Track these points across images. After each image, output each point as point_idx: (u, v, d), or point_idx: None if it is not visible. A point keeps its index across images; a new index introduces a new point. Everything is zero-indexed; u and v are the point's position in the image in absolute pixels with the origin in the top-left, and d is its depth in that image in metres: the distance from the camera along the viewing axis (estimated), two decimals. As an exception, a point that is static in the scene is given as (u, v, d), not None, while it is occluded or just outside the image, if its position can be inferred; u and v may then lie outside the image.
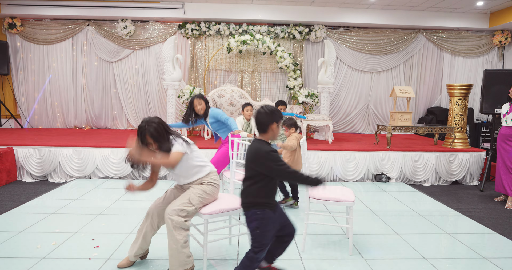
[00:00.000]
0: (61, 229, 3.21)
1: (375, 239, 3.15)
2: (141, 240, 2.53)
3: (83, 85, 7.49)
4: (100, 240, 2.98)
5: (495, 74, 5.15)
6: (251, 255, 2.09)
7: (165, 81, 6.15)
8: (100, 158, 5.01)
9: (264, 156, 2.03)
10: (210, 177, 2.55)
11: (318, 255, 2.81)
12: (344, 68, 7.74)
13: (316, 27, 7.36)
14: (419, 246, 3.04)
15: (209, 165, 2.61)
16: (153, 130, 2.33)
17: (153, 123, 2.36)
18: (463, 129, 5.62)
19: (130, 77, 7.51)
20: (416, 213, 3.93)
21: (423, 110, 7.97)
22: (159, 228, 2.56)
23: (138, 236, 2.55)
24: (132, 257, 2.57)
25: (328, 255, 2.83)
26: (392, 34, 7.62)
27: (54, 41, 7.31)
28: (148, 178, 2.61)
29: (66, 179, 5.01)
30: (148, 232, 2.52)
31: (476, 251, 2.97)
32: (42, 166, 4.95)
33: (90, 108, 7.55)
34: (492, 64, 7.82)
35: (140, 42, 7.37)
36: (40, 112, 7.51)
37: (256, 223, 2.07)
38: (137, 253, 2.56)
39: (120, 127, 7.69)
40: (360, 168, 5.26)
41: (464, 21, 7.30)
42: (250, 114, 4.72)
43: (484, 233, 3.41)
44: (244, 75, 7.49)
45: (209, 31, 7.27)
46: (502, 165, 4.34)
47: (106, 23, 7.32)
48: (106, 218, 3.51)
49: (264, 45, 6.87)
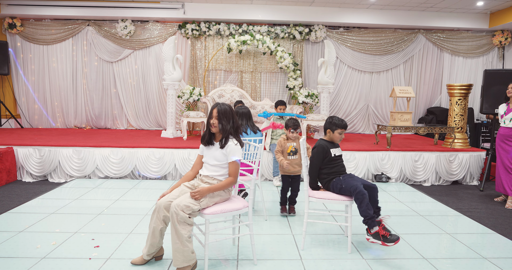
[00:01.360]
0: (61, 229, 3.21)
1: (375, 239, 3.15)
2: (150, 236, 2.51)
3: (83, 85, 7.49)
4: (100, 240, 2.98)
5: (495, 74, 5.16)
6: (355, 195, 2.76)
7: (165, 81, 6.15)
8: (100, 158, 5.01)
9: None
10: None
11: (317, 254, 2.81)
12: (344, 68, 7.74)
13: (316, 27, 7.36)
14: (419, 246, 3.04)
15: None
16: (223, 109, 2.50)
17: (227, 105, 2.55)
18: (463, 129, 5.63)
19: (130, 77, 7.51)
20: (416, 213, 3.93)
21: (423, 110, 7.97)
22: (167, 224, 2.51)
23: (148, 233, 2.54)
24: (145, 256, 2.55)
25: (328, 254, 2.83)
26: (392, 34, 7.62)
27: (54, 41, 7.31)
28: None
29: (66, 179, 5.01)
30: (156, 227, 2.48)
31: (476, 251, 2.97)
32: (42, 166, 4.96)
33: (90, 108, 7.55)
34: (492, 64, 7.83)
35: (140, 42, 7.37)
36: (40, 112, 7.51)
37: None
38: (150, 251, 2.54)
39: (120, 127, 7.69)
40: (360, 168, 5.26)
41: (464, 21, 7.30)
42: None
43: (484, 233, 3.41)
44: (244, 75, 7.49)
45: (209, 31, 7.28)
46: (502, 165, 4.35)
47: (106, 23, 7.32)
48: (106, 218, 3.51)
49: (264, 45, 6.87)
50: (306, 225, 2.94)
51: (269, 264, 2.64)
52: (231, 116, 2.54)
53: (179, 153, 5.08)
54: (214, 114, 2.52)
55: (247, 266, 2.61)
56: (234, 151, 2.49)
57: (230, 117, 2.53)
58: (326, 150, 2.97)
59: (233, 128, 2.54)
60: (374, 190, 2.90)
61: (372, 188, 2.89)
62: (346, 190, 2.82)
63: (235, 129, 2.55)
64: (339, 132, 3.00)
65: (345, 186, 2.82)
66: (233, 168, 2.51)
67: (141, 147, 5.11)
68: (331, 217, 3.71)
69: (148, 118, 7.67)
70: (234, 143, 2.51)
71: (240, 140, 2.58)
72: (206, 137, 2.60)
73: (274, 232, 3.26)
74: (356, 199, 2.74)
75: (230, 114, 2.53)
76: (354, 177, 2.95)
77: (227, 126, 2.51)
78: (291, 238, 3.13)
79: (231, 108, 2.58)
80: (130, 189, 4.58)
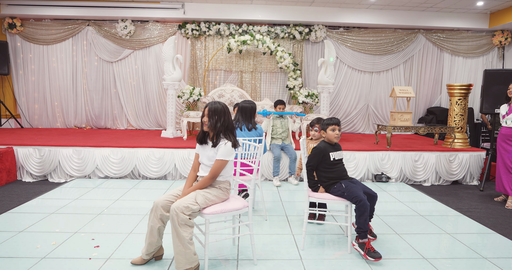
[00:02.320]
0: (61, 229, 3.21)
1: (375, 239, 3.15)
2: (148, 235, 2.50)
3: (83, 85, 7.49)
4: (100, 240, 2.98)
5: (495, 74, 5.15)
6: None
7: (165, 81, 6.15)
8: (100, 158, 5.01)
9: None
10: (222, 184, 2.59)
11: (317, 254, 2.81)
12: (344, 68, 7.74)
13: (316, 27, 7.36)
14: (419, 246, 3.04)
15: (231, 176, 2.67)
16: (214, 107, 2.53)
17: (219, 103, 2.57)
18: (463, 129, 5.63)
19: (130, 77, 7.51)
20: (416, 213, 3.93)
21: (423, 110, 7.97)
22: (165, 223, 2.51)
23: (146, 232, 2.54)
24: (144, 255, 2.55)
25: (328, 254, 2.83)
26: (392, 34, 7.62)
27: (54, 41, 7.31)
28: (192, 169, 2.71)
29: (66, 178, 5.01)
30: (154, 226, 2.47)
31: (476, 251, 2.97)
32: (42, 165, 4.95)
33: (90, 108, 7.55)
34: (492, 64, 7.82)
35: (140, 42, 7.37)
36: (40, 112, 7.51)
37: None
38: (148, 250, 2.54)
39: (120, 127, 7.69)
40: (360, 168, 5.26)
41: (464, 21, 7.30)
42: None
43: (484, 233, 3.41)
44: (244, 75, 7.49)
45: (209, 31, 7.27)
46: (502, 165, 4.35)
47: (106, 23, 7.32)
48: (106, 218, 3.51)
49: (264, 45, 6.87)
50: (306, 225, 2.94)
51: (269, 264, 2.64)
52: (223, 114, 2.54)
53: (179, 153, 5.08)
54: (205, 112, 2.54)
55: (247, 266, 2.61)
56: (222, 150, 2.48)
57: (222, 115, 2.53)
58: (324, 153, 2.92)
59: (223, 126, 2.53)
60: (374, 199, 2.94)
61: (372, 196, 2.93)
62: (348, 198, 2.81)
63: (225, 127, 2.54)
64: (331, 129, 2.93)
65: (348, 194, 2.81)
66: (214, 166, 2.50)
67: (141, 147, 5.10)
68: (331, 217, 3.71)
69: (148, 118, 7.66)
70: (224, 143, 2.50)
71: (234, 140, 2.55)
72: (200, 135, 2.63)
73: (274, 232, 3.26)
74: (358, 209, 2.76)
75: (221, 112, 2.53)
76: (356, 184, 2.93)
77: (217, 123, 2.51)
78: (291, 238, 3.13)
79: (225, 107, 2.57)
80: (130, 189, 4.58)
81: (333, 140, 2.98)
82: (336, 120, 2.95)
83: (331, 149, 2.97)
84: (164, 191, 4.52)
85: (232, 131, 2.59)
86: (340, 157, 3.01)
